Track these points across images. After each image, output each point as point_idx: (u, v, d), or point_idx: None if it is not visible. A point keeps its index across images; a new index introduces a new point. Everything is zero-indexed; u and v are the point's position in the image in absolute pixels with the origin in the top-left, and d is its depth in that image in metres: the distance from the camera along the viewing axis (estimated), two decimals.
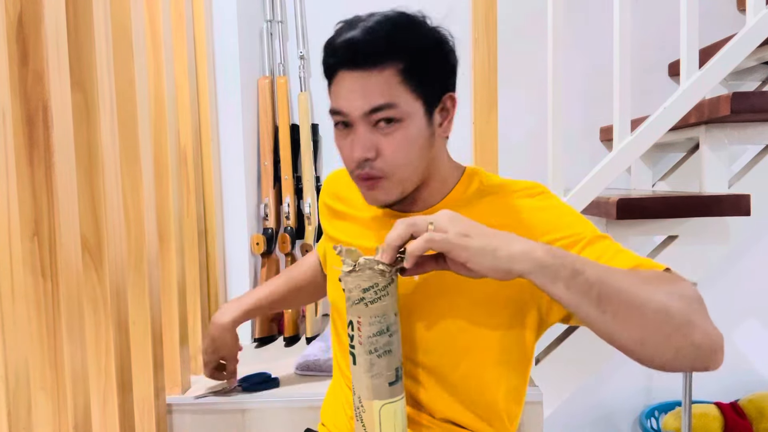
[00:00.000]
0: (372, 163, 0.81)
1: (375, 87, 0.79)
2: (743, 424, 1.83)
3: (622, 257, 0.78)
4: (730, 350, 1.99)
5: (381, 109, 0.79)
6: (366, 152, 0.80)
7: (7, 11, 0.82)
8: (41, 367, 0.86)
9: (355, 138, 0.81)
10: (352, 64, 0.79)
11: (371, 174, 0.81)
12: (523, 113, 1.93)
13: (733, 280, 1.96)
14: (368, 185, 0.83)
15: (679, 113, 1.39)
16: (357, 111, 0.80)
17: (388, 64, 0.79)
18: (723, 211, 1.38)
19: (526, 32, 1.89)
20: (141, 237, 1.14)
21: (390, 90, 0.79)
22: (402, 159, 0.81)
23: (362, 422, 0.72)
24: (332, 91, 0.83)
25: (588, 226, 0.83)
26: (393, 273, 0.70)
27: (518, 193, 0.87)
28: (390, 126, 0.80)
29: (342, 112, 0.81)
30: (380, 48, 0.78)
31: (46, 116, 0.84)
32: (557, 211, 0.84)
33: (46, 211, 0.85)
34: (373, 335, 0.70)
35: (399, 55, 0.79)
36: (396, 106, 0.79)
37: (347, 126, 0.82)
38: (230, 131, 1.64)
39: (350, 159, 0.82)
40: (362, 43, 0.78)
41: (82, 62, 0.96)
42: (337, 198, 1.02)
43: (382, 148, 0.80)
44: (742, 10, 1.94)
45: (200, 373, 1.45)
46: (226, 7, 1.61)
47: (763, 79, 1.91)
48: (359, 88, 0.79)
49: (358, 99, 0.79)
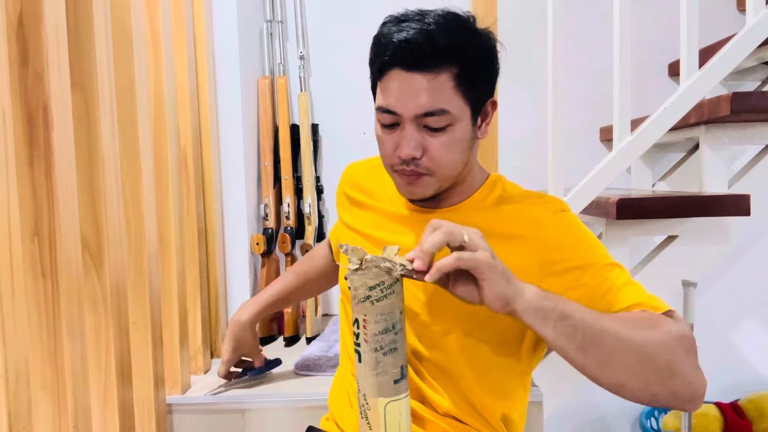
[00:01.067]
0: (417, 161, 0.82)
1: (430, 91, 0.79)
2: (743, 424, 1.83)
3: (627, 290, 0.79)
4: (730, 350, 2.00)
5: (434, 114, 0.80)
6: (414, 151, 0.81)
7: (7, 11, 0.82)
8: (41, 366, 0.86)
9: (403, 136, 0.81)
10: (409, 66, 0.79)
11: (416, 171, 0.83)
12: (523, 113, 1.93)
13: (733, 280, 1.96)
14: (409, 180, 0.84)
15: (679, 113, 1.39)
16: (410, 113, 0.80)
17: (444, 68, 0.79)
18: (723, 211, 1.38)
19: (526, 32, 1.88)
20: (141, 237, 1.14)
21: (444, 95, 0.79)
22: (447, 159, 0.83)
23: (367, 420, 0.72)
24: (382, 87, 0.83)
25: (603, 252, 0.84)
26: (399, 272, 0.70)
27: (539, 207, 0.88)
28: (437, 133, 0.81)
29: (394, 111, 0.81)
30: (440, 53, 0.78)
31: (46, 116, 0.84)
32: (575, 233, 0.86)
33: (46, 211, 0.85)
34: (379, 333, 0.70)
35: (456, 61, 0.79)
36: (448, 112, 0.80)
37: (390, 126, 0.83)
38: (230, 131, 1.64)
39: (393, 155, 0.83)
40: (422, 46, 0.78)
41: (82, 62, 0.96)
42: (357, 188, 1.02)
43: (429, 148, 0.81)
44: (742, 10, 1.94)
45: (200, 373, 1.45)
46: (226, 7, 1.61)
47: (763, 79, 1.91)
48: (414, 90, 0.79)
49: (412, 101, 0.79)
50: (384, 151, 0.85)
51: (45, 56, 0.84)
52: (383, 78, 0.82)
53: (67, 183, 0.89)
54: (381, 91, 0.83)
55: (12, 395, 0.81)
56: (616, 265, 0.83)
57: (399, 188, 0.88)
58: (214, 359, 1.57)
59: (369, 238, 0.96)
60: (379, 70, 0.83)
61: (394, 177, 0.87)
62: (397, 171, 0.85)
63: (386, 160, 0.86)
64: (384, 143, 0.85)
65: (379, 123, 0.85)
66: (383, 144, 0.85)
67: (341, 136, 1.90)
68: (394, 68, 0.80)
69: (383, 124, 0.84)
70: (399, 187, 0.87)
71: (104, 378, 1.02)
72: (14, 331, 0.82)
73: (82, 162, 0.97)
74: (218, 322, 1.61)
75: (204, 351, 1.47)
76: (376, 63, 0.83)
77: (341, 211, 1.07)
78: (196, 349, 1.44)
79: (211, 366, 1.51)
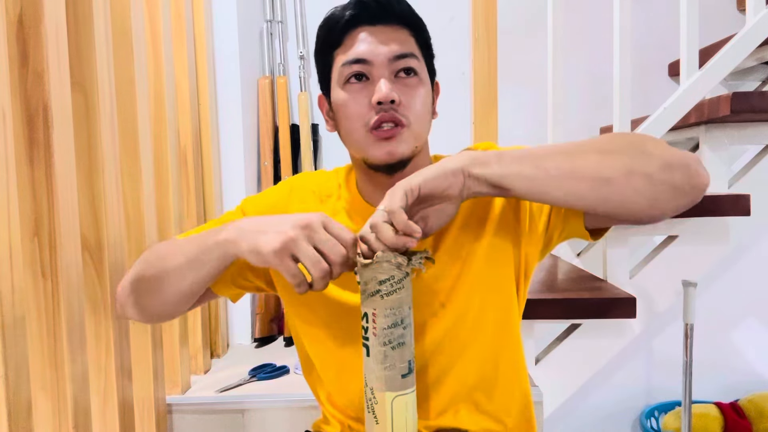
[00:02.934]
0: (396, 107, 0.78)
1: (399, 39, 0.80)
2: (743, 424, 1.83)
3: None
4: (730, 350, 2.00)
5: (406, 57, 0.79)
6: (392, 94, 0.77)
7: (7, 11, 0.82)
8: (41, 366, 0.86)
9: (376, 85, 0.79)
10: (375, 20, 0.80)
11: (395, 117, 0.78)
12: (523, 113, 1.93)
13: (733, 280, 1.96)
14: (388, 134, 0.78)
15: (679, 113, 1.39)
16: (382, 57, 0.79)
17: (404, 26, 0.81)
18: (723, 211, 1.38)
19: (526, 32, 1.89)
20: (141, 237, 1.14)
21: (410, 45, 0.81)
22: (421, 110, 0.81)
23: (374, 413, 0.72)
24: (346, 47, 0.80)
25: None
26: (408, 267, 0.70)
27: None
28: (411, 78, 0.80)
29: (364, 59, 0.79)
30: (400, 12, 0.81)
31: (46, 116, 0.84)
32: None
33: (46, 211, 0.85)
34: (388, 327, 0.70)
35: (412, 24, 0.82)
36: (418, 57, 0.81)
37: (360, 80, 0.80)
38: (230, 131, 1.64)
39: (367, 107, 0.78)
40: (387, 2, 0.80)
41: (82, 62, 0.96)
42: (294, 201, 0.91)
43: (405, 95, 0.79)
44: (742, 10, 1.94)
45: (200, 373, 1.45)
46: (226, 7, 1.61)
47: (763, 79, 1.91)
48: (383, 39, 0.79)
49: (382, 46, 0.79)
50: (354, 110, 0.79)
51: (45, 56, 0.84)
52: (345, 39, 0.80)
53: (67, 183, 0.89)
54: (345, 50, 0.80)
55: (12, 395, 0.81)
56: None
57: (374, 152, 0.79)
58: (214, 359, 1.57)
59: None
60: (341, 33, 0.80)
61: (367, 140, 0.79)
62: (373, 128, 0.78)
63: (358, 120, 0.79)
64: (353, 102, 0.79)
65: (345, 87, 0.80)
66: (353, 106, 0.79)
67: None
68: (358, 26, 0.80)
69: (348, 84, 0.80)
70: (374, 150, 0.79)
71: (104, 378, 1.02)
72: (14, 331, 0.82)
73: (82, 162, 0.97)
74: (218, 322, 1.61)
75: (204, 351, 1.47)
76: (333, 33, 0.81)
77: None
78: (196, 349, 1.44)
79: (211, 366, 1.51)
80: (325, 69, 0.84)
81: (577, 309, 1.34)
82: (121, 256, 1.06)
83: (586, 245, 1.98)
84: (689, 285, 1.41)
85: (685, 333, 1.46)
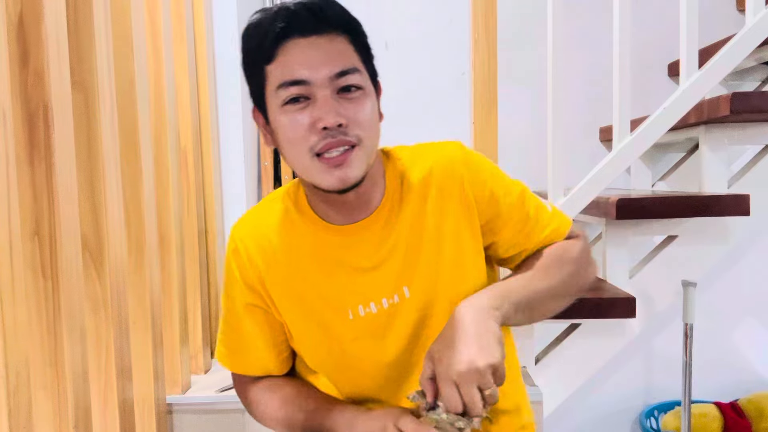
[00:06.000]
0: (345, 129, 0.73)
1: (337, 51, 0.74)
2: (743, 423, 1.83)
3: (537, 230, 0.88)
4: (730, 350, 2.00)
5: (347, 73, 0.74)
6: (339, 118, 0.72)
7: (7, 11, 0.82)
8: (41, 366, 0.86)
9: (319, 107, 0.73)
10: (308, 30, 0.73)
11: (344, 141, 0.73)
12: (523, 113, 1.92)
13: (733, 280, 1.96)
14: (338, 161, 0.74)
15: (678, 113, 1.39)
16: (321, 76, 0.72)
17: (340, 33, 0.75)
18: (723, 211, 1.38)
19: (526, 32, 1.88)
20: (141, 237, 1.14)
21: (350, 55, 0.75)
22: (370, 123, 0.76)
23: None
24: (279, 64, 0.74)
25: (508, 180, 0.89)
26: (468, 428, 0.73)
27: (442, 162, 0.86)
28: (354, 92, 0.74)
29: (303, 80, 0.73)
30: (334, 17, 0.75)
31: (46, 116, 0.84)
32: (486, 168, 0.90)
33: (46, 211, 0.85)
34: None
35: (347, 27, 0.76)
36: (360, 69, 0.75)
37: (299, 101, 0.74)
38: (230, 131, 1.64)
39: (312, 132, 0.73)
40: (318, 7, 0.74)
41: (83, 62, 0.96)
42: (261, 249, 0.86)
43: (352, 114, 0.74)
44: (742, 10, 1.94)
45: (200, 372, 1.45)
46: (226, 7, 1.61)
47: (763, 79, 1.91)
48: (321, 52, 0.73)
49: (322, 65, 0.72)
50: (297, 133, 0.74)
51: (45, 56, 0.84)
52: (277, 54, 0.74)
53: (67, 183, 0.89)
54: (279, 68, 0.74)
55: (12, 395, 0.82)
56: (521, 188, 0.89)
57: (324, 179, 0.75)
58: (215, 359, 1.57)
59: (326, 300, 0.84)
60: (272, 47, 0.74)
61: (314, 167, 0.75)
62: (321, 153, 0.74)
63: (302, 145, 0.74)
64: (295, 126, 0.74)
65: (282, 110, 0.74)
66: (294, 130, 0.74)
67: None
68: (290, 38, 0.73)
69: (285, 107, 0.74)
70: (324, 177, 0.75)
71: (104, 378, 1.02)
72: (14, 331, 0.82)
73: (82, 162, 0.97)
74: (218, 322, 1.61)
75: (204, 351, 1.47)
76: (262, 47, 0.74)
77: (248, 293, 0.87)
78: (197, 348, 1.44)
79: (212, 366, 1.52)
80: (257, 83, 0.78)
81: (576, 309, 1.33)
82: (121, 256, 1.06)
83: None
84: (689, 285, 1.41)
85: (685, 333, 1.46)
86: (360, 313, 0.83)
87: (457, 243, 0.84)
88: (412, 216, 0.83)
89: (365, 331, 0.84)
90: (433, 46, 2.00)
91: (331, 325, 0.84)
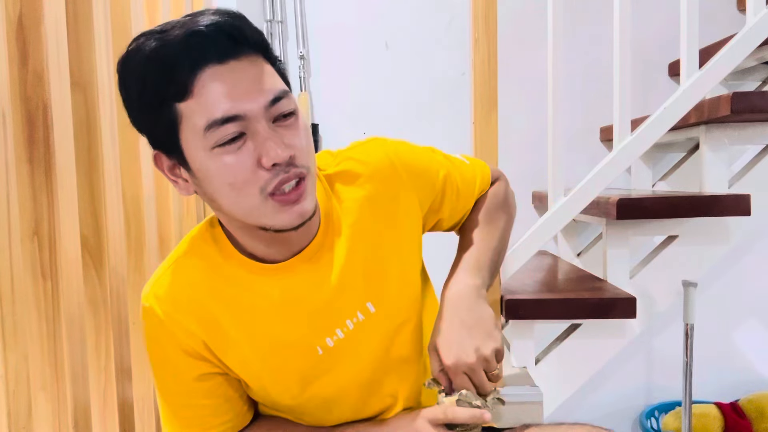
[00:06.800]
0: (293, 160, 0.67)
1: (257, 74, 0.66)
2: (743, 424, 1.83)
3: (469, 191, 0.92)
4: (730, 350, 2.00)
5: (280, 99, 0.67)
6: (288, 150, 0.66)
7: (7, 11, 0.82)
8: (41, 367, 0.86)
9: (261, 142, 0.65)
10: (226, 55, 0.64)
11: (296, 173, 0.67)
12: (523, 113, 1.93)
13: (733, 280, 1.96)
14: (294, 197, 0.68)
15: (679, 113, 1.39)
16: (256, 108, 0.65)
17: (254, 52, 0.67)
18: (723, 211, 1.38)
19: (525, 32, 1.89)
20: (141, 237, 1.14)
21: (274, 77, 0.68)
22: (310, 145, 0.70)
23: None
24: (199, 98, 0.64)
25: (430, 155, 0.90)
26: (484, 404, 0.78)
27: (368, 163, 0.84)
28: (288, 118, 0.68)
29: (237, 115, 0.64)
30: (252, 31, 0.67)
31: (46, 116, 0.84)
32: (415, 154, 0.90)
33: (46, 211, 0.85)
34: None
35: (262, 42, 0.69)
36: (288, 93, 0.69)
37: (234, 140, 0.65)
38: None
39: (258, 172, 0.66)
40: (233, 27, 0.65)
41: (82, 62, 0.96)
42: (204, 311, 0.76)
43: (297, 143, 0.68)
44: (742, 10, 1.94)
45: None
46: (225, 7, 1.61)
47: (763, 79, 1.91)
48: (247, 81, 0.65)
49: (253, 93, 0.65)
50: (240, 176, 0.65)
51: (45, 56, 0.84)
52: (194, 88, 0.64)
53: (67, 183, 0.89)
54: (201, 105, 0.64)
55: (12, 395, 0.81)
56: (440, 156, 0.91)
57: (280, 219, 0.68)
58: None
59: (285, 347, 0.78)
60: (185, 80, 0.64)
61: (268, 207, 0.67)
62: (274, 193, 0.67)
63: (249, 186, 0.66)
64: (236, 168, 0.65)
65: (214, 153, 0.65)
66: (235, 170, 0.65)
67: (341, 136, 1.90)
68: (206, 67, 0.64)
69: (216, 150, 0.65)
70: (280, 216, 0.68)
71: (104, 378, 1.02)
72: (14, 331, 0.82)
73: (82, 162, 0.97)
74: None
75: None
76: (172, 81, 0.64)
77: (192, 362, 0.77)
78: None
79: None
80: (163, 125, 0.67)
81: (577, 309, 1.34)
82: (121, 256, 1.06)
83: (586, 245, 1.98)
84: (689, 285, 1.41)
85: (686, 333, 1.46)
86: (329, 345, 0.79)
87: (401, 242, 0.83)
88: (353, 230, 0.79)
89: (338, 358, 0.80)
90: (433, 46, 2.00)
91: (300, 368, 0.79)
